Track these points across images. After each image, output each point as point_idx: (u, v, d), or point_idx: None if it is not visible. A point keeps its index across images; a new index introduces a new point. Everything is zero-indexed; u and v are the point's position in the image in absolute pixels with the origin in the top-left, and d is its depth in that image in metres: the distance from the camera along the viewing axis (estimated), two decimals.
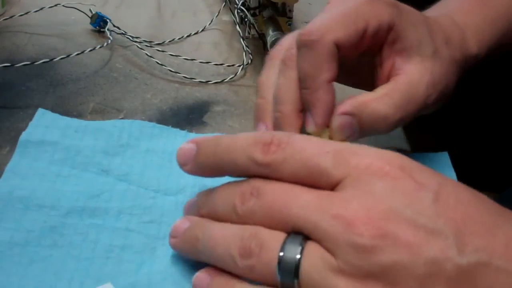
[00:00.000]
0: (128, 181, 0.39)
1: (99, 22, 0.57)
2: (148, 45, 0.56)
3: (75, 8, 0.58)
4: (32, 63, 0.48)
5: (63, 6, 0.58)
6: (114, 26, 0.57)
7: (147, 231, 0.36)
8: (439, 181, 0.29)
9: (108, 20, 0.57)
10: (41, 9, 0.57)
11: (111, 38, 0.55)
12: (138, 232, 0.36)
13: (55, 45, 0.55)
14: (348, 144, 0.31)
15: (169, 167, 0.41)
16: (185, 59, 0.55)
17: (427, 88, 0.39)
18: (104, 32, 0.57)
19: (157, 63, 0.53)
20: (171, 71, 0.53)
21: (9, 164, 0.39)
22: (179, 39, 0.59)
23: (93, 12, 0.57)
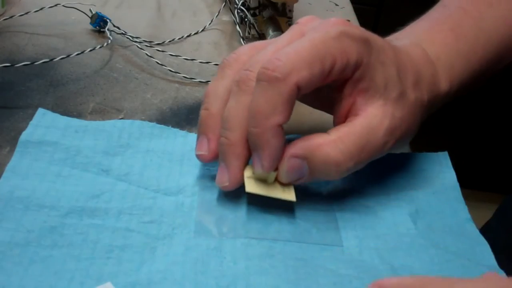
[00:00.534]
0: (128, 181, 0.39)
1: (99, 22, 0.57)
2: (148, 45, 0.56)
3: (75, 8, 0.58)
4: (32, 63, 0.48)
5: (63, 6, 0.58)
6: (114, 26, 0.57)
7: (147, 231, 0.36)
8: None
9: (108, 20, 0.57)
10: (41, 9, 0.57)
11: (111, 38, 0.55)
12: (138, 232, 0.36)
13: (55, 45, 0.55)
14: None
15: (169, 167, 0.41)
16: (185, 59, 0.55)
17: (385, 135, 0.37)
18: (104, 32, 0.57)
19: (157, 63, 0.53)
20: (171, 71, 0.53)
21: (9, 164, 0.39)
22: (179, 39, 0.59)
23: (93, 12, 0.57)
